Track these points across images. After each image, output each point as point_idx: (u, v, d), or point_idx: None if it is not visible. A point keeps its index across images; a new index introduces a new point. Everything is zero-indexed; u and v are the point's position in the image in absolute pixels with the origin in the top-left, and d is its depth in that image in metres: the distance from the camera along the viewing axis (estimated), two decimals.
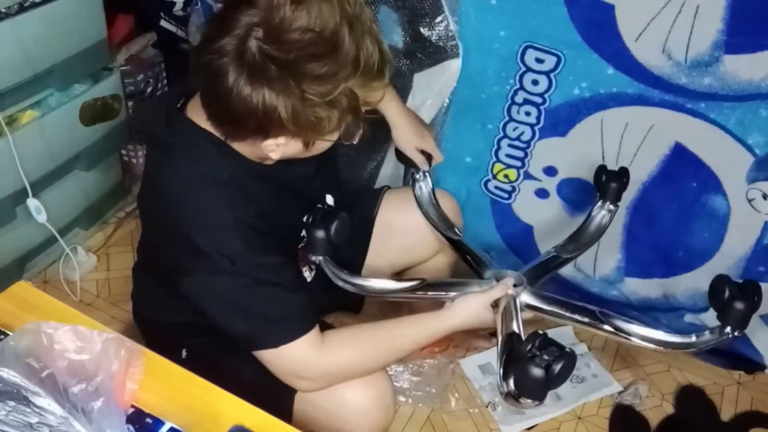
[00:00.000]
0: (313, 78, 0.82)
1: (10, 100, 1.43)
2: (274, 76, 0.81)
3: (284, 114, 0.84)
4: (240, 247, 0.93)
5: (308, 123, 0.86)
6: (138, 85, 1.78)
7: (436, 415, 1.48)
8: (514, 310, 1.12)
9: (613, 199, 1.32)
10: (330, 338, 1.00)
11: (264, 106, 0.83)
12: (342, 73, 0.83)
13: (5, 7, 1.32)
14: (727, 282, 1.04)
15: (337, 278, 1.16)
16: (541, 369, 0.90)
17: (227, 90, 0.82)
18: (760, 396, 1.59)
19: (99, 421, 0.73)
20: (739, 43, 1.18)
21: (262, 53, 0.80)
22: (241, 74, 0.81)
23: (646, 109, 1.32)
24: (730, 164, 1.33)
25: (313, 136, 0.90)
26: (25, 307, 0.91)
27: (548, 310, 1.17)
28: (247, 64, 0.81)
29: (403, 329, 1.08)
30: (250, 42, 0.80)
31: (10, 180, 1.45)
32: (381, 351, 1.05)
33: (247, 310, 0.96)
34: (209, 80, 0.84)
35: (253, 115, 0.84)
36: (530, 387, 0.93)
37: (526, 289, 1.17)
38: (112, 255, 1.78)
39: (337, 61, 0.82)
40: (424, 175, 1.37)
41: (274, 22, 0.80)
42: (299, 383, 1.01)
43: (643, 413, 1.52)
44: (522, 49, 1.34)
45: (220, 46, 0.81)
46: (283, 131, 0.87)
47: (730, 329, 1.05)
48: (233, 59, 0.81)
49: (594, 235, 1.33)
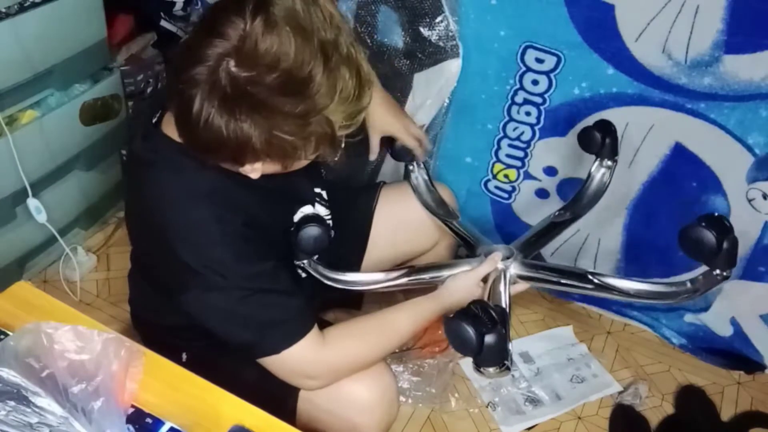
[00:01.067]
0: (285, 115, 0.80)
1: (10, 100, 1.43)
2: (245, 110, 0.79)
3: (258, 146, 0.82)
4: (230, 259, 0.92)
5: (283, 152, 0.85)
6: (138, 85, 1.78)
7: (436, 415, 1.48)
8: (503, 284, 1.12)
9: (610, 154, 1.28)
10: (330, 334, 1.00)
11: (236, 139, 0.81)
12: (315, 108, 0.81)
13: (5, 7, 1.31)
14: (701, 227, 0.98)
15: (325, 279, 1.16)
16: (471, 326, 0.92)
17: (198, 120, 0.80)
18: (760, 396, 1.59)
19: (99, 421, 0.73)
20: (739, 43, 1.18)
21: (233, 85, 0.78)
22: (212, 105, 0.79)
23: (646, 109, 1.32)
24: (730, 164, 1.33)
25: (290, 161, 0.89)
26: (25, 307, 0.91)
27: (540, 278, 1.17)
28: (218, 96, 0.79)
29: (399, 314, 1.09)
30: (220, 73, 0.78)
31: (10, 180, 1.45)
32: (381, 339, 1.06)
33: (245, 321, 0.95)
34: (182, 109, 0.82)
35: (226, 145, 0.82)
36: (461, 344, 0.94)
37: (516, 260, 1.17)
38: (112, 255, 1.78)
39: (309, 98, 0.80)
40: (419, 165, 1.37)
41: (245, 54, 0.77)
42: (306, 383, 1.01)
43: (643, 413, 1.52)
44: (522, 49, 1.34)
45: (191, 75, 0.79)
46: (259, 158, 0.86)
47: (719, 271, 1.01)
48: (204, 90, 0.79)
49: (595, 195, 1.30)
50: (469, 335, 0.92)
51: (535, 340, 1.66)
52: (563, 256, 1.64)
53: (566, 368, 1.60)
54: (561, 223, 1.30)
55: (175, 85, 0.82)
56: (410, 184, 1.37)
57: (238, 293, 0.93)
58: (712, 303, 1.54)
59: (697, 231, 0.98)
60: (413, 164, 1.36)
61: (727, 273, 1.01)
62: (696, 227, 0.98)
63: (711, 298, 1.53)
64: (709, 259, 1.00)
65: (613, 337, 1.70)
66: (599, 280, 1.11)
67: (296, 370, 0.98)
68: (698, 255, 1.01)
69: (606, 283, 1.10)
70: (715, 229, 0.97)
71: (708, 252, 0.98)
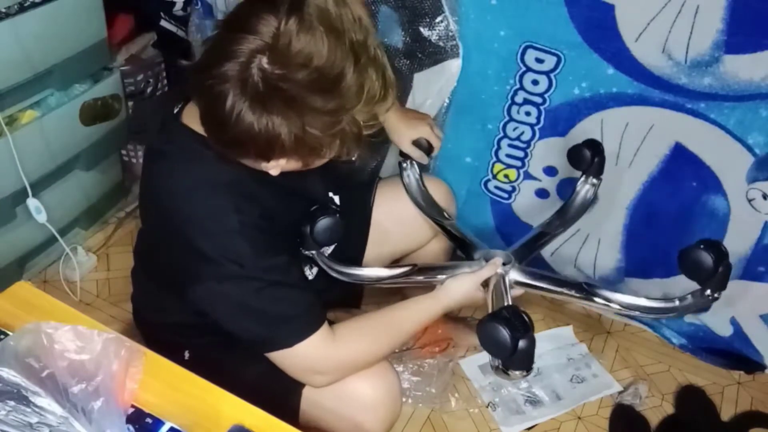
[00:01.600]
0: (316, 112, 0.82)
1: (10, 100, 1.43)
2: (277, 106, 0.81)
3: (286, 142, 0.84)
4: (247, 250, 0.93)
5: (310, 150, 0.87)
6: (138, 85, 1.78)
7: (436, 415, 1.48)
8: (503, 288, 1.15)
9: (595, 173, 1.31)
10: (339, 331, 1.01)
11: (266, 134, 0.82)
12: (345, 106, 0.83)
13: (5, 7, 1.32)
14: (701, 250, 1.05)
15: (331, 270, 1.17)
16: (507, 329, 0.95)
17: (229, 116, 0.81)
18: (760, 396, 1.59)
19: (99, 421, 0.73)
20: (739, 43, 1.18)
21: (265, 82, 0.80)
22: (244, 101, 0.80)
23: (646, 109, 1.32)
24: (730, 164, 1.33)
25: (313, 158, 0.91)
26: (25, 307, 0.91)
27: (537, 285, 1.21)
28: (250, 92, 0.80)
29: (403, 313, 1.10)
30: (252, 69, 0.79)
31: (10, 180, 1.45)
32: (387, 336, 1.07)
33: (258, 313, 0.96)
34: (210, 105, 0.84)
35: (255, 141, 0.84)
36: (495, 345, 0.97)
37: (514, 267, 1.19)
38: (112, 255, 1.78)
39: (340, 96, 0.82)
40: (411, 164, 1.37)
41: (278, 51, 0.79)
42: (314, 378, 1.02)
43: (643, 413, 1.52)
44: (522, 49, 1.34)
45: (222, 71, 0.80)
46: (284, 155, 0.88)
47: (710, 291, 1.07)
48: (235, 86, 0.80)
49: (579, 210, 1.33)
50: (505, 338, 0.95)
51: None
52: (563, 256, 1.64)
53: (566, 368, 1.60)
54: (549, 233, 1.32)
55: (202, 81, 0.83)
56: (402, 183, 1.37)
57: (254, 284, 0.94)
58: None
59: (696, 253, 1.05)
60: (406, 162, 1.37)
61: (718, 295, 1.07)
62: (695, 249, 1.05)
63: None
64: (704, 280, 1.07)
65: (613, 337, 1.70)
66: (593, 291, 1.15)
67: (305, 365, 0.99)
68: (694, 275, 1.08)
69: (599, 294, 1.15)
70: (713, 253, 1.04)
71: (704, 273, 1.05)
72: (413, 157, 1.35)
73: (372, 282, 1.24)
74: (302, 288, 1.00)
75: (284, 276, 0.98)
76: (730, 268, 1.06)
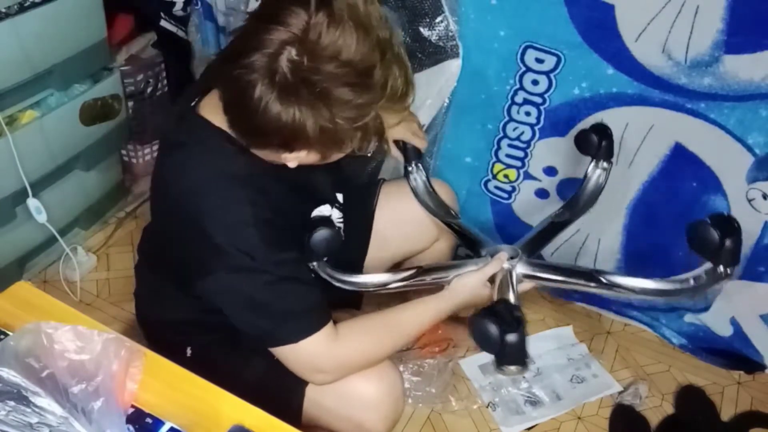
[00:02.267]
0: (344, 104, 0.83)
1: (10, 100, 1.43)
2: (305, 98, 0.82)
3: (312, 133, 0.85)
4: (259, 243, 0.94)
5: (333, 142, 0.88)
6: (138, 85, 1.78)
7: (436, 415, 1.48)
8: (510, 284, 1.13)
9: (606, 156, 1.29)
10: (343, 330, 1.01)
11: (293, 125, 0.84)
12: (371, 100, 0.85)
13: (5, 7, 1.32)
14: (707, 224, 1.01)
15: (334, 280, 1.16)
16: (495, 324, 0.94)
17: (256, 106, 0.83)
18: (760, 396, 1.59)
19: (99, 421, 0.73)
20: (739, 43, 1.18)
21: (294, 73, 0.81)
22: (272, 92, 0.82)
23: (646, 109, 1.32)
24: (730, 164, 1.33)
25: (334, 151, 0.92)
26: (25, 307, 0.91)
27: (546, 277, 1.18)
28: (279, 82, 0.81)
29: (409, 313, 1.10)
30: (281, 60, 0.80)
31: (10, 180, 1.45)
32: (390, 337, 1.07)
33: (266, 307, 0.96)
34: (237, 94, 0.85)
35: (280, 131, 0.85)
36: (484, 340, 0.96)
37: (521, 260, 1.17)
38: (112, 255, 1.78)
39: (367, 91, 0.84)
40: (417, 167, 1.37)
41: (308, 44, 0.80)
42: (316, 376, 1.02)
43: (643, 413, 1.52)
44: (522, 49, 1.34)
45: (250, 61, 0.81)
46: (307, 147, 0.89)
47: (723, 267, 1.03)
48: (264, 76, 0.81)
49: (591, 196, 1.31)
50: (494, 333, 0.94)
51: (535, 340, 1.66)
52: (563, 256, 1.64)
53: (566, 368, 1.60)
54: (560, 223, 1.30)
55: (228, 71, 0.84)
56: (409, 186, 1.37)
57: (264, 278, 0.94)
58: (712, 303, 1.54)
59: (703, 228, 1.01)
60: (412, 166, 1.37)
61: (730, 270, 1.03)
62: (703, 224, 1.01)
63: (711, 298, 1.53)
64: (714, 256, 1.02)
65: (613, 337, 1.70)
66: (604, 278, 1.12)
67: (308, 362, 0.99)
68: (703, 251, 1.03)
69: (611, 281, 1.11)
70: (720, 227, 1.00)
71: (713, 249, 1.01)
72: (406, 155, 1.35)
73: (377, 288, 1.23)
74: (311, 284, 1.00)
75: (294, 271, 0.98)
76: (740, 242, 1.02)
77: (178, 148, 0.98)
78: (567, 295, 1.76)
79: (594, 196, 1.31)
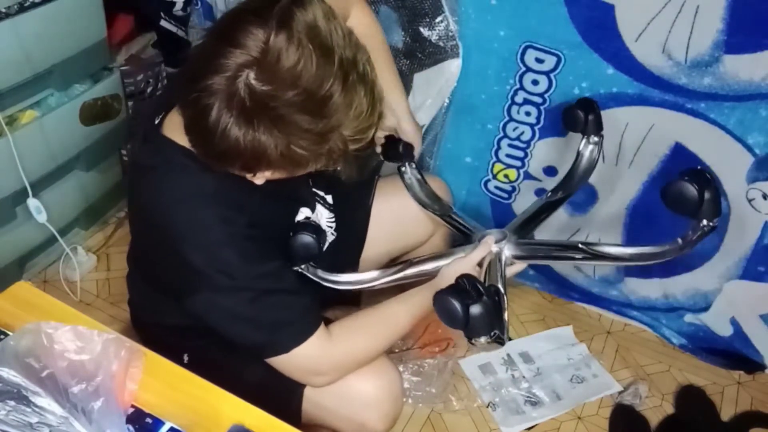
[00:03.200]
0: (303, 130, 0.81)
1: (10, 100, 1.43)
2: (264, 123, 0.80)
3: (272, 157, 0.83)
4: (236, 260, 0.93)
5: (296, 164, 0.86)
6: (138, 85, 1.78)
7: (436, 415, 1.48)
8: (498, 267, 1.13)
9: (595, 130, 1.29)
10: (335, 330, 1.01)
11: (252, 149, 0.82)
12: (332, 125, 0.82)
13: (5, 7, 1.31)
14: (684, 181, 1.01)
15: (323, 281, 1.16)
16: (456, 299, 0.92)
17: (214, 130, 0.80)
18: (760, 396, 1.59)
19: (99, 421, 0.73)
20: (739, 43, 1.18)
21: (252, 98, 0.78)
22: (230, 116, 0.79)
23: (646, 109, 1.32)
24: (730, 164, 1.33)
25: (299, 170, 0.90)
26: (25, 307, 0.91)
27: (534, 255, 1.19)
28: (237, 107, 0.79)
29: (399, 306, 1.09)
30: (239, 84, 0.78)
31: (10, 180, 1.45)
32: (384, 332, 1.07)
33: (253, 322, 0.96)
34: (196, 117, 0.82)
35: (240, 155, 0.83)
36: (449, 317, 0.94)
37: (509, 242, 1.17)
38: (112, 255, 1.78)
39: (328, 116, 0.81)
40: (410, 165, 1.37)
41: (266, 67, 0.77)
42: (314, 379, 1.02)
43: (643, 413, 1.52)
44: (522, 49, 1.34)
45: (208, 84, 0.79)
46: (269, 168, 0.87)
47: (706, 221, 1.03)
48: (222, 100, 0.79)
49: (586, 172, 1.31)
50: (455, 307, 0.92)
51: (535, 341, 1.66)
52: None
53: (566, 368, 1.60)
54: (554, 202, 1.30)
55: (187, 93, 0.82)
56: (404, 184, 1.37)
57: (246, 294, 0.94)
58: (712, 303, 1.54)
59: (679, 185, 1.01)
60: (405, 165, 1.36)
61: (714, 223, 1.03)
62: (678, 182, 1.01)
63: (711, 298, 1.54)
64: (695, 212, 1.03)
65: (613, 337, 1.70)
66: (591, 249, 1.12)
67: (305, 367, 0.99)
68: (683, 209, 1.03)
69: (598, 251, 1.12)
70: (696, 182, 1.00)
71: (694, 204, 1.01)
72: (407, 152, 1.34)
73: (367, 285, 1.23)
74: (296, 292, 0.99)
75: (276, 282, 0.97)
76: (718, 193, 1.02)
77: (146, 171, 0.96)
78: (567, 295, 1.76)
79: (588, 171, 1.31)
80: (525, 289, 1.79)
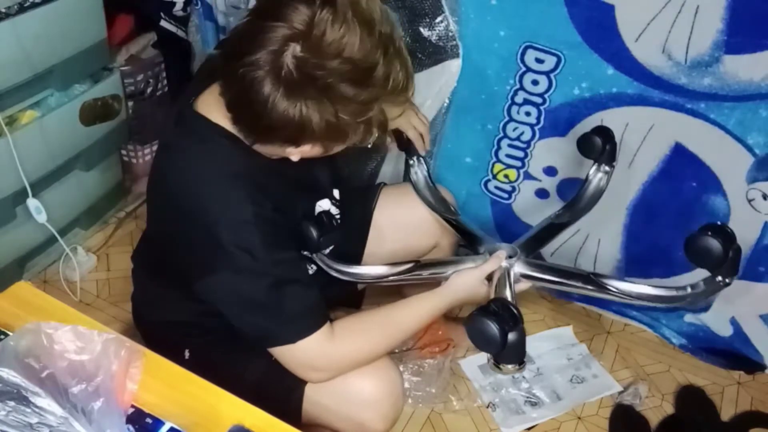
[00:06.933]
0: (348, 100, 0.85)
1: (10, 100, 1.43)
2: (311, 93, 0.83)
3: (317, 128, 0.86)
4: (260, 242, 0.94)
5: (338, 135, 0.90)
6: (138, 85, 1.78)
7: (436, 415, 1.48)
8: (507, 282, 1.13)
9: (608, 160, 1.29)
10: (339, 328, 1.01)
11: (299, 120, 0.85)
12: (374, 96, 0.86)
13: (5, 7, 1.32)
14: (709, 236, 1.01)
15: (331, 269, 1.17)
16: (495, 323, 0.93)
17: (263, 102, 0.84)
18: (760, 396, 1.59)
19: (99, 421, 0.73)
20: (739, 43, 1.18)
21: (299, 70, 0.82)
22: (278, 89, 0.83)
23: (646, 109, 1.32)
24: (730, 164, 1.33)
25: (338, 145, 0.94)
26: (25, 307, 0.91)
27: (543, 278, 1.19)
28: (284, 79, 0.82)
29: (404, 310, 1.10)
30: (286, 57, 0.81)
31: (10, 180, 1.45)
32: (387, 334, 1.07)
33: (265, 308, 0.96)
34: (243, 92, 0.85)
35: (287, 127, 0.86)
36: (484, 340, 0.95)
37: (519, 260, 1.18)
38: (112, 255, 1.78)
39: (370, 87, 0.85)
40: (419, 161, 1.37)
41: (312, 40, 0.81)
42: (313, 375, 1.02)
43: (643, 413, 1.52)
44: (522, 49, 1.34)
45: (255, 59, 0.82)
46: (312, 140, 0.90)
47: (721, 278, 1.04)
48: (269, 73, 0.82)
49: (592, 199, 1.31)
50: (494, 332, 0.93)
51: (535, 341, 1.66)
52: (563, 256, 1.64)
53: (566, 368, 1.60)
54: (560, 224, 1.30)
55: (232, 70, 0.85)
56: (410, 180, 1.37)
57: (266, 280, 0.95)
58: (712, 303, 1.54)
59: (703, 240, 1.01)
60: (413, 159, 1.37)
61: (730, 280, 1.03)
62: (702, 236, 1.01)
63: (711, 298, 1.53)
64: (714, 267, 1.03)
65: (613, 337, 1.70)
66: (602, 281, 1.12)
67: (304, 361, 0.99)
68: (703, 263, 1.04)
69: (608, 285, 1.11)
70: (721, 238, 1.00)
71: (714, 260, 1.01)
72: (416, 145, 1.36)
73: (373, 280, 1.23)
74: (309, 285, 1.00)
75: (293, 272, 0.99)
76: (740, 252, 1.03)
77: (178, 148, 0.98)
78: (567, 295, 1.76)
79: (594, 199, 1.31)
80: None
